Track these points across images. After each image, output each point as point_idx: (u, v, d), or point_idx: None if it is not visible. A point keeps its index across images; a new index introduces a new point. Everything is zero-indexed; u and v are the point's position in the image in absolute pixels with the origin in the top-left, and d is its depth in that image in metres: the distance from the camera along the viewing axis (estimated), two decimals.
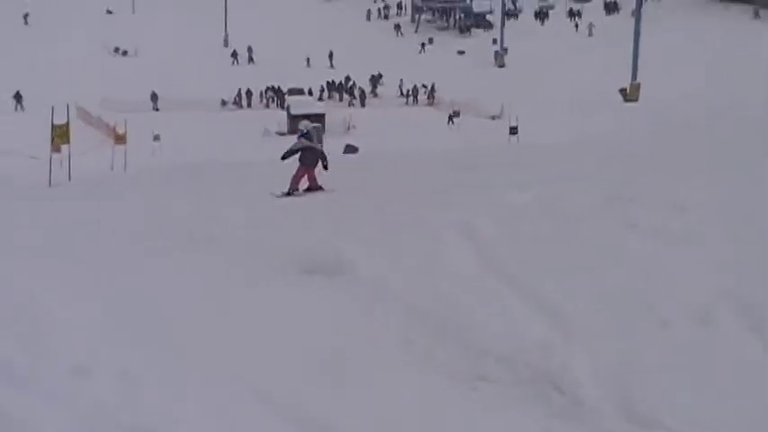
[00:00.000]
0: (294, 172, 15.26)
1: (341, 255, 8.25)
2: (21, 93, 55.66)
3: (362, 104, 61.31)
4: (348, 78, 65.16)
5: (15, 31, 70.39)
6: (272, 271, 8.13)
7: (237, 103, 61.19)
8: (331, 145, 35.41)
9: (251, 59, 72.95)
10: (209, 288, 7.65)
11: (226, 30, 77.74)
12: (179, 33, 73.26)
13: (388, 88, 64.31)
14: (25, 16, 75.49)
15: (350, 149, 35.06)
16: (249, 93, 61.26)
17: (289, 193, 14.84)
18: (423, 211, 10.67)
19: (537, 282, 7.13)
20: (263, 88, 62.29)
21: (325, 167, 15.44)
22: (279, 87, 61.97)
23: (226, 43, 76.77)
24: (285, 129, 50.82)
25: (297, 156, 15.54)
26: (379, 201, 12.39)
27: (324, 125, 42.52)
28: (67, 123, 23.30)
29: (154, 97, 58.71)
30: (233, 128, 49.41)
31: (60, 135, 23.08)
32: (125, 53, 72.83)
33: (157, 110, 57.62)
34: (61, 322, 6.65)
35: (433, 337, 6.20)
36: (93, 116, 49.97)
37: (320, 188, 15.24)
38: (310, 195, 14.79)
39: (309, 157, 15.36)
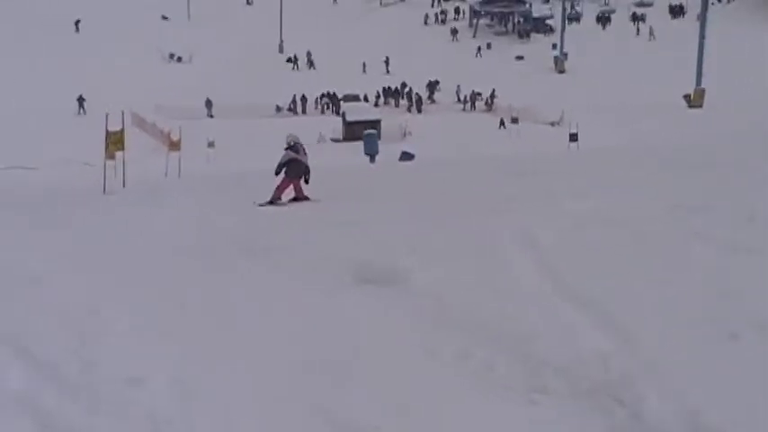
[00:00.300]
0: (278, 182, 16.19)
1: (397, 265, 8.25)
2: (83, 96, 56.63)
3: (419, 111, 61.29)
4: (404, 84, 65.22)
5: (66, 39, 71.49)
6: (328, 281, 8.14)
7: (292, 109, 61.53)
8: (387, 151, 35.56)
9: (311, 64, 73.39)
10: (264, 299, 7.70)
11: (281, 36, 78.29)
12: (233, 40, 73.94)
13: (444, 94, 64.26)
14: (76, 23, 76.63)
15: (406, 156, 35.08)
16: (304, 99, 61.58)
17: (271, 202, 15.68)
18: (481, 219, 10.64)
19: (598, 292, 7.06)
20: (319, 94, 62.59)
21: (306, 181, 16.36)
22: (334, 93, 62.24)
23: (281, 49, 77.32)
24: (341, 135, 50.98)
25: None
26: (436, 209, 12.37)
27: (379, 131, 42.61)
28: (122, 130, 23.57)
29: (208, 104, 59.28)
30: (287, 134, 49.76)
31: (115, 142, 23.35)
32: (180, 59, 73.64)
33: (212, 116, 58.16)
34: (116, 333, 6.74)
35: (491, 349, 6.15)
36: (148, 123, 50.59)
37: (306, 198, 16.05)
38: (367, 202, 14.80)
39: (295, 168, 16.32)
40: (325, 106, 62.17)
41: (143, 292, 8.05)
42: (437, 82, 64.90)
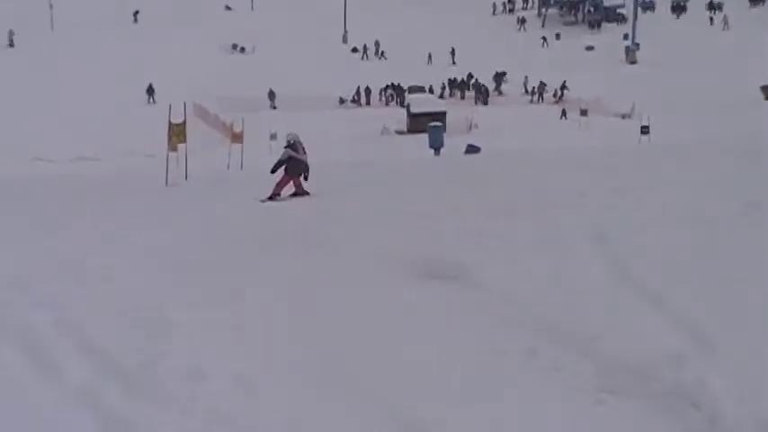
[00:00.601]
0: (278, 178, 16.91)
1: (463, 259, 8.22)
2: (153, 87, 57.51)
3: (485, 102, 61.00)
4: (470, 75, 64.97)
5: (125, 31, 72.47)
6: (392, 276, 8.16)
7: (356, 100, 61.64)
8: (452, 144, 35.46)
9: (382, 54, 73.53)
10: (328, 293, 7.73)
11: (345, 26, 78.51)
12: (297, 30, 74.34)
13: (512, 86, 63.86)
14: (135, 14, 77.65)
15: (471, 149, 34.88)
16: (368, 90, 61.64)
17: (271, 198, 16.29)
18: (549, 213, 10.57)
19: (671, 290, 6.97)
20: (383, 86, 62.60)
21: (305, 178, 17.03)
22: (399, 85, 62.20)
23: (344, 40, 77.55)
24: (405, 127, 50.92)
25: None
26: (503, 203, 12.31)
27: (444, 124, 42.41)
28: (184, 122, 23.82)
29: (271, 95, 59.65)
30: (351, 126, 49.76)
31: (177, 134, 23.58)
32: (243, 50, 74.20)
33: (275, 108, 58.51)
34: (179, 326, 6.82)
35: (559, 348, 6.11)
36: (211, 114, 51.09)
37: (306, 193, 16.76)
38: (431, 196, 14.79)
39: (294, 166, 17.02)
40: (390, 98, 62.15)
41: (207, 286, 8.14)
42: (504, 73, 64.48)
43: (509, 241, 9.24)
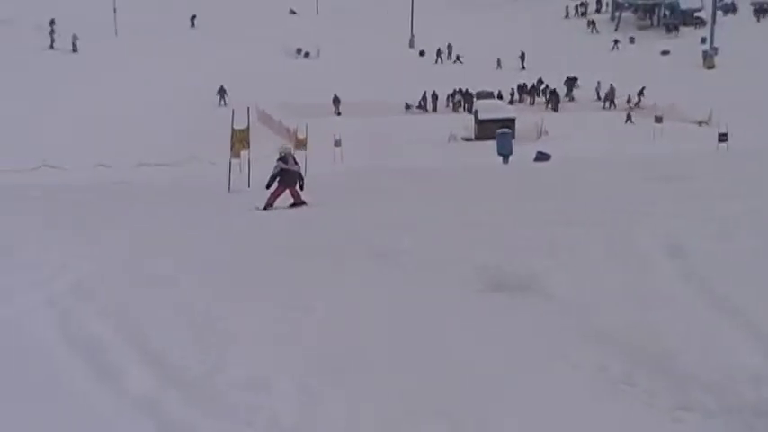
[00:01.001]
0: (273, 190, 18.27)
1: (532, 270, 8.16)
2: (225, 87, 58.21)
3: (555, 109, 60.55)
4: (540, 81, 64.60)
5: (183, 35, 73.31)
6: (459, 287, 8.12)
7: (422, 106, 61.61)
8: (521, 152, 35.29)
9: (457, 59, 73.50)
10: (391, 304, 7.72)
11: (412, 31, 78.59)
12: (361, 34, 74.61)
13: (583, 91, 63.33)
14: (192, 19, 78.50)
15: (541, 156, 34.67)
16: (435, 96, 61.56)
17: (266, 208, 17.49)
18: (622, 223, 10.45)
19: (749, 304, 6.84)
20: (450, 91, 62.50)
21: (301, 187, 18.42)
22: (467, 90, 62.07)
23: (411, 44, 77.62)
24: (473, 134, 50.78)
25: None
26: (574, 211, 12.21)
27: (513, 130, 42.23)
28: (248, 128, 24.07)
29: (336, 101, 59.89)
30: (417, 133, 49.73)
31: (240, 140, 23.87)
32: (307, 55, 74.62)
33: (339, 114, 58.72)
34: (241, 335, 6.87)
35: (631, 363, 6.03)
36: (274, 120, 51.46)
37: (303, 203, 17.76)
38: (499, 206, 14.74)
39: (287, 177, 18.35)
40: (458, 104, 62.02)
41: (268, 294, 8.19)
42: (575, 78, 63.95)
43: (580, 251, 9.15)
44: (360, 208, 15.44)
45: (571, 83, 63.75)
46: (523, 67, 70.37)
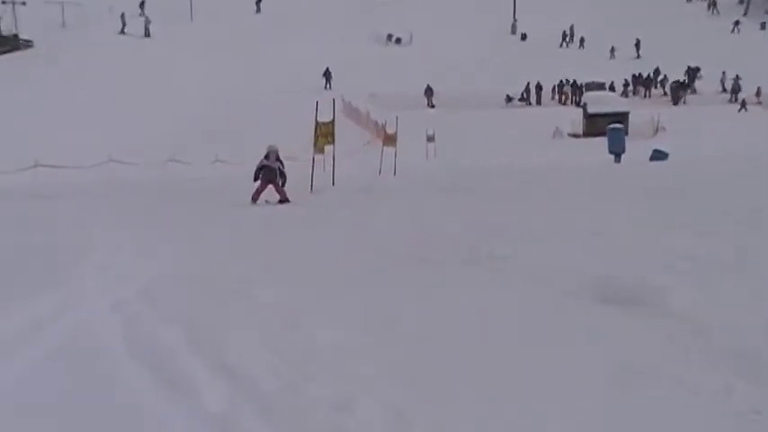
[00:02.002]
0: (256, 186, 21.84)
1: (648, 283, 8.01)
2: (330, 70, 58.98)
3: (675, 102, 59.75)
4: (657, 71, 63.77)
5: (251, 21, 73.97)
6: (565, 299, 8.02)
7: (525, 99, 61.36)
8: (635, 150, 34.86)
9: (581, 43, 73.07)
10: (489, 317, 7.65)
11: (514, 15, 78.29)
12: (458, 19, 74.55)
13: (706, 82, 62.33)
14: (257, 2, 79.22)
15: (658, 155, 34.23)
16: (539, 87, 61.27)
17: (252, 201, 21.22)
18: (752, 232, 10.22)
19: None
20: (557, 82, 62.10)
21: (283, 183, 21.89)
22: (575, 81, 61.60)
23: (513, 30, 77.36)
24: (580, 130, 50.38)
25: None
26: (695, 217, 12.00)
27: (626, 126, 41.81)
28: (332, 121, 24.17)
29: (429, 92, 59.95)
30: (519, 128, 49.61)
31: (324, 134, 23.96)
32: (398, 41, 74.82)
33: (433, 106, 58.83)
34: (321, 349, 6.86)
35: (760, 389, 5.88)
36: (362, 113, 51.76)
37: (287, 200, 21.21)
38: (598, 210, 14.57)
39: (267, 173, 21.94)
40: (565, 96, 61.62)
41: (351, 305, 8.18)
42: (698, 68, 62.93)
43: (702, 263, 8.96)
44: (454, 209, 15.40)
45: (693, 73, 62.75)
46: (638, 56, 69.61)
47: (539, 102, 61.04)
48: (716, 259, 9.05)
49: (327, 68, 59.80)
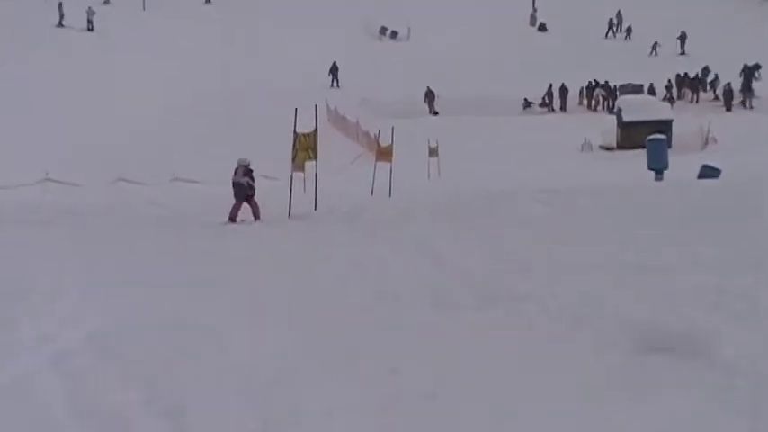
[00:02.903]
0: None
1: (699, 327, 8.10)
2: (337, 65, 59.32)
3: (728, 108, 59.82)
4: (707, 70, 63.82)
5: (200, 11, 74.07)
6: (599, 347, 8.08)
7: (547, 104, 61.37)
8: (680, 165, 34.87)
9: (628, 33, 73.15)
10: (510, 369, 7.71)
11: (534, 4, 78.42)
12: (464, 8, 74.51)
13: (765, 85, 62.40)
14: None
15: (708, 172, 34.26)
16: (564, 90, 61.28)
17: (230, 221, 23.39)
18: None
19: None
20: (585, 84, 62.12)
21: (251, 196, 24.30)
22: (606, 83, 61.66)
23: (533, 21, 77.49)
24: (614, 141, 50.39)
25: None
26: (756, 250, 12.07)
27: (670, 136, 41.85)
28: (314, 132, 24.08)
29: (430, 96, 59.92)
30: (540, 139, 49.61)
31: (305, 148, 23.87)
32: (394, 35, 74.84)
33: (436, 114, 58.83)
34: (311, 412, 6.91)
35: None
36: (350, 122, 51.75)
37: (257, 216, 23.90)
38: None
39: (238, 191, 24.45)
40: (596, 101, 61.63)
41: (345, 356, 8.23)
42: (757, 66, 62.86)
43: (763, 303, 9.06)
44: (464, 239, 15.48)
45: (750, 72, 62.67)
46: (683, 52, 69.70)
47: (563, 108, 61.08)
48: None
49: (335, 63, 60.29)
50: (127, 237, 20.03)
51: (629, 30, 73.38)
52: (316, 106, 24.34)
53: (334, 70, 60.76)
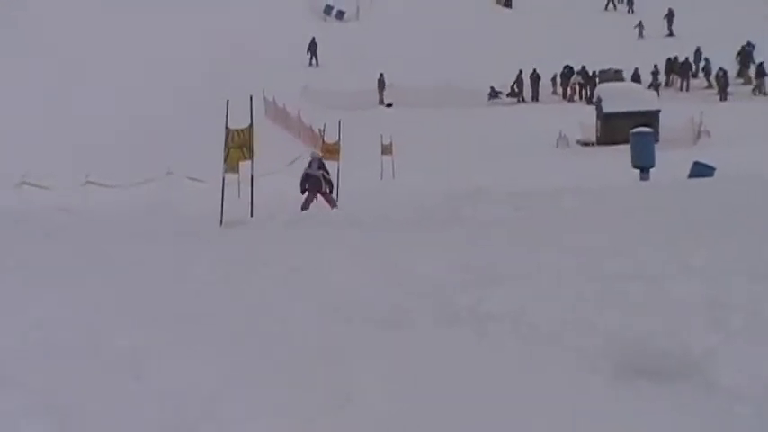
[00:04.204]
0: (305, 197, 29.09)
1: (690, 346, 8.13)
2: (316, 41, 59.45)
3: (722, 97, 60.14)
4: (698, 53, 64.12)
5: None
6: (576, 371, 8.09)
7: (516, 93, 61.50)
8: (668, 162, 35.07)
9: (630, 7, 73.34)
10: (475, 391, 7.72)
11: None
12: None
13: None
14: None
15: (701, 170, 34.47)
16: (536, 77, 61.43)
17: (303, 210, 27.20)
18: None
19: None
20: (559, 71, 62.29)
21: (330, 190, 29.81)
22: (584, 69, 61.85)
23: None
24: (593, 135, 50.57)
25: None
26: (754, 258, 12.14)
27: (656, 129, 42.09)
28: (250, 128, 23.96)
29: (381, 85, 59.96)
30: (509, 133, 49.79)
31: (239, 146, 23.73)
32: (341, 15, 74.95)
33: (389, 105, 58.91)
34: None
35: None
36: (291, 115, 51.73)
37: (335, 205, 28.38)
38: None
39: (311, 183, 29.29)
40: (571, 89, 61.83)
41: (288, 383, 8.21)
42: (751, 48, 63.15)
43: (764, 318, 9.11)
44: (423, 249, 15.50)
45: (746, 57, 62.97)
46: (671, 33, 70.07)
47: (535, 97, 61.26)
48: None
49: (313, 39, 60.47)
50: (33, 246, 19.90)
51: (630, 2, 73.62)
52: (251, 97, 24.20)
53: (312, 47, 60.96)
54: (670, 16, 70.75)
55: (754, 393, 7.28)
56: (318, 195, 29.07)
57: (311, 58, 61.47)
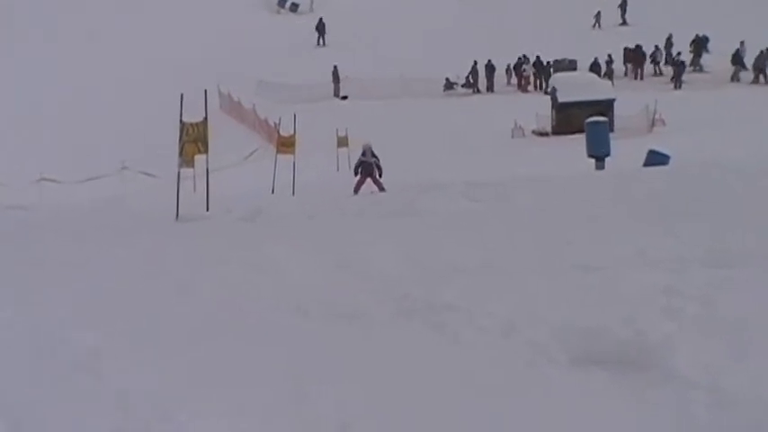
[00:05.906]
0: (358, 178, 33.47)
1: (647, 335, 8.14)
2: (324, 20, 59.40)
3: (677, 85, 60.41)
4: (657, 47, 64.25)
5: None
6: (529, 360, 8.09)
7: (471, 84, 61.56)
8: (624, 151, 35.19)
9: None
10: (428, 386, 7.71)
11: None
12: None
13: (718, 57, 62.97)
14: None
15: (656, 158, 34.53)
16: (491, 68, 61.48)
17: (355, 193, 31.59)
18: None
19: None
20: (514, 61, 62.39)
21: (380, 175, 33.53)
22: (538, 59, 61.95)
23: None
24: (548, 125, 50.66)
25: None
26: (709, 246, 12.18)
27: (612, 119, 42.20)
28: (205, 121, 23.90)
29: (336, 77, 59.94)
30: (464, 124, 49.78)
31: (194, 140, 23.68)
32: (295, 7, 74.91)
33: (344, 98, 58.87)
34: None
35: None
36: (246, 108, 51.64)
37: (383, 189, 31.29)
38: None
39: (365, 168, 33.89)
40: (526, 80, 61.96)
41: (243, 382, 8.16)
42: (706, 39, 63.48)
43: (719, 307, 9.12)
44: (378, 242, 15.48)
45: (699, 45, 63.26)
46: (624, 22, 70.30)
47: (490, 88, 61.30)
48: (740, 302, 9.21)
49: (321, 19, 60.42)
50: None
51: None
52: (205, 91, 24.13)
53: (320, 27, 60.98)
54: (623, 6, 70.91)
55: (710, 382, 7.30)
56: (368, 179, 33.30)
57: (319, 38, 61.23)
